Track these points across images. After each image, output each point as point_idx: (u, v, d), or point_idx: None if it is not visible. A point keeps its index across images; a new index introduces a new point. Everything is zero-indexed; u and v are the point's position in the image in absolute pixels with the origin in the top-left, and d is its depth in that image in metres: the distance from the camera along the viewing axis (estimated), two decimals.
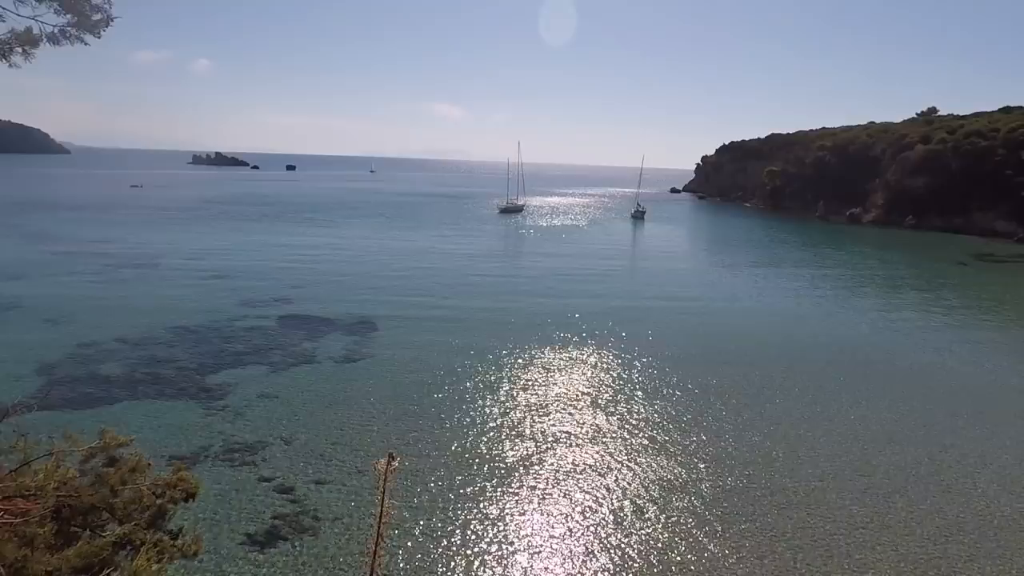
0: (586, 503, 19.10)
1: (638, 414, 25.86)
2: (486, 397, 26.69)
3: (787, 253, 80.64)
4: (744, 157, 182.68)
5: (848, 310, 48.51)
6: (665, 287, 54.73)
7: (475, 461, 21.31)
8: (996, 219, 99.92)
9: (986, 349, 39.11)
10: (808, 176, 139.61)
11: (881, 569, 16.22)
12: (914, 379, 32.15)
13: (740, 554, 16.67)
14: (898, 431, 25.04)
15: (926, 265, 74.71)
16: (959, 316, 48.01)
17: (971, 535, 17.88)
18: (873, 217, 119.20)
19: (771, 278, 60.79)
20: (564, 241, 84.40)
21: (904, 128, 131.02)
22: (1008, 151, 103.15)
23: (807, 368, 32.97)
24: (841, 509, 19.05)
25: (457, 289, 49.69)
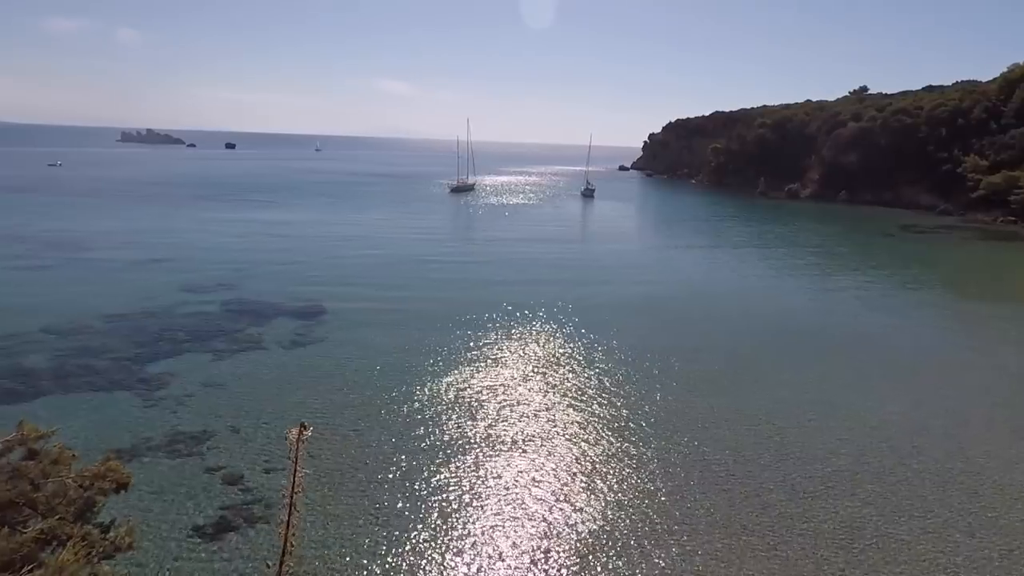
0: (537, 487, 19.33)
1: (591, 397, 26.24)
2: (438, 382, 26.34)
3: (733, 230, 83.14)
4: (689, 135, 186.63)
5: (790, 283, 50.65)
6: (616, 268, 54.74)
7: (426, 447, 21.23)
8: (920, 193, 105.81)
9: (912, 313, 41.76)
10: (750, 153, 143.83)
11: (826, 529, 17.19)
12: (850, 345, 33.93)
13: (689, 523, 17.32)
14: (837, 393, 26.45)
15: (858, 238, 78.57)
16: (888, 284, 50.87)
17: (908, 488, 19.18)
18: (810, 192, 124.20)
19: (718, 255, 62.63)
20: (515, 221, 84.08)
21: (838, 106, 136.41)
22: (931, 128, 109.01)
23: (754, 341, 34.28)
24: (783, 470, 20.03)
25: (407, 272, 48.65)
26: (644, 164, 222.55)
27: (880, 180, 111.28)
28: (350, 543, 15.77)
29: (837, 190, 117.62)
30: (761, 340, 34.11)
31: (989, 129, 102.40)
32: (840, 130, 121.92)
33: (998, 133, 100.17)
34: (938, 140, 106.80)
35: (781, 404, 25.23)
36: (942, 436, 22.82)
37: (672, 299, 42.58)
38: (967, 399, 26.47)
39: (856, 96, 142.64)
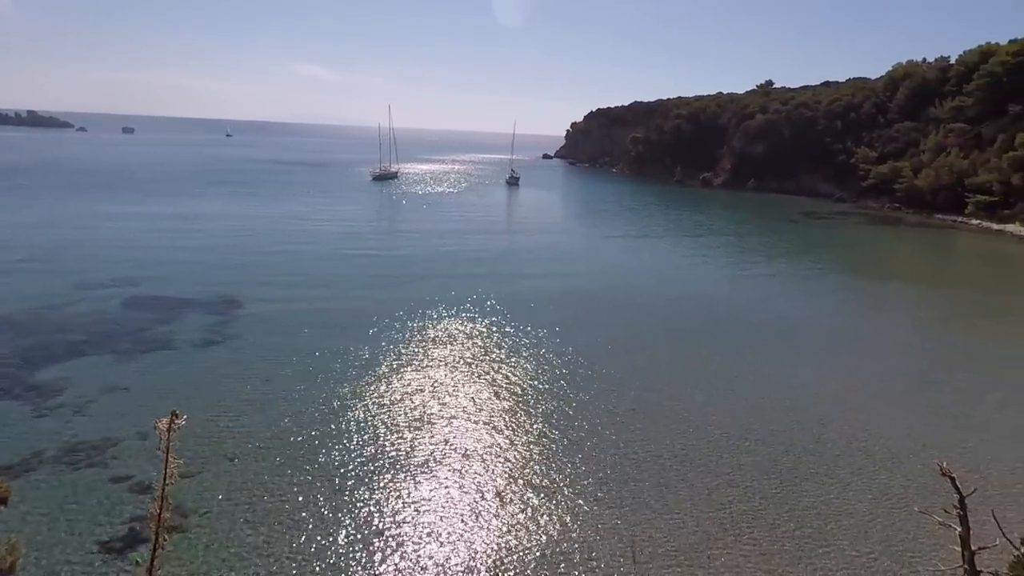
0: (463, 490, 19.34)
1: (520, 395, 26.44)
2: (360, 382, 25.45)
3: (653, 217, 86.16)
4: (610, 124, 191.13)
5: (708, 270, 53.04)
6: (543, 259, 54.08)
7: (348, 448, 20.71)
8: (819, 181, 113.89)
9: (815, 293, 45.10)
10: (667, 142, 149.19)
11: (751, 500, 18.25)
12: (761, 324, 36.11)
13: (616, 509, 17.89)
14: (757, 375, 28.12)
15: (766, 224, 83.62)
16: (794, 268, 54.59)
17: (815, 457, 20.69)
18: (722, 181, 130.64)
19: (641, 243, 64.64)
20: (440, 210, 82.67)
21: (746, 99, 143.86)
22: (828, 121, 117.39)
23: (678, 328, 35.78)
24: (712, 454, 21.09)
25: (326, 267, 45.98)
26: (567, 152, 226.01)
27: (784, 169, 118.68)
28: (264, 550, 15.15)
29: (746, 178, 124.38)
30: (684, 327, 35.59)
31: (877, 123, 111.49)
32: (748, 122, 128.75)
33: (885, 127, 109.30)
34: (834, 132, 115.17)
35: (707, 390, 26.48)
36: (853, 407, 24.78)
37: (598, 290, 43.04)
38: (870, 370, 28.90)
39: (762, 90, 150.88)
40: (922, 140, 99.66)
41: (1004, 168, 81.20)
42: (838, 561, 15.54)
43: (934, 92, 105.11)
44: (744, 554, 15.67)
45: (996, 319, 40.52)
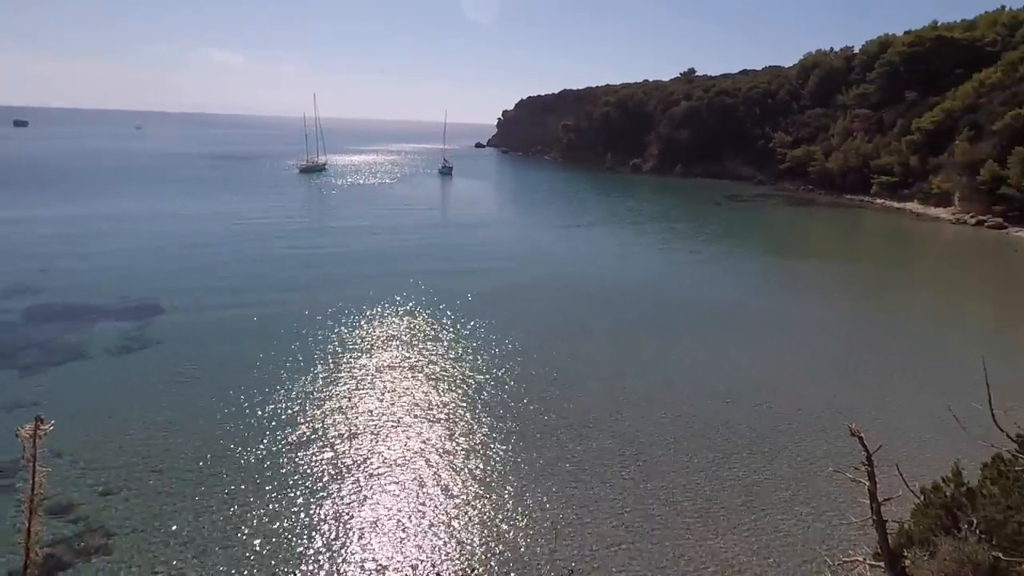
0: (398, 498, 19.26)
1: (462, 397, 26.47)
2: (291, 388, 24.76)
3: (587, 205, 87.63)
4: (541, 111, 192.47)
5: (642, 255, 54.58)
6: (481, 252, 53.30)
7: (280, 456, 20.15)
8: (741, 165, 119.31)
9: (738, 274, 47.40)
10: (597, 130, 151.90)
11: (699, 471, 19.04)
12: (693, 307, 37.62)
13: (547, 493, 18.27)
14: (695, 359, 29.30)
15: (693, 208, 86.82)
16: (720, 249, 57.10)
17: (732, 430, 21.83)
18: (650, 167, 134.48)
19: (576, 231, 65.51)
20: (372, 204, 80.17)
21: (671, 86, 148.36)
22: (747, 108, 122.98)
23: (614, 312, 36.67)
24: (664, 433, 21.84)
25: (254, 267, 43.43)
26: (499, 141, 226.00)
27: (708, 154, 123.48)
28: (197, 569, 14.57)
29: (674, 164, 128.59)
30: (620, 314, 36.42)
31: (791, 109, 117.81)
32: (673, 109, 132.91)
33: (798, 113, 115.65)
34: (753, 118, 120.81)
35: (643, 375, 27.35)
36: (780, 384, 26.26)
37: (535, 281, 42.56)
38: (794, 347, 30.70)
39: (686, 77, 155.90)
40: (831, 125, 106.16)
41: (903, 151, 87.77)
42: (769, 525, 16.55)
43: (841, 80, 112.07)
44: (684, 525, 16.42)
45: (901, 291, 43.93)
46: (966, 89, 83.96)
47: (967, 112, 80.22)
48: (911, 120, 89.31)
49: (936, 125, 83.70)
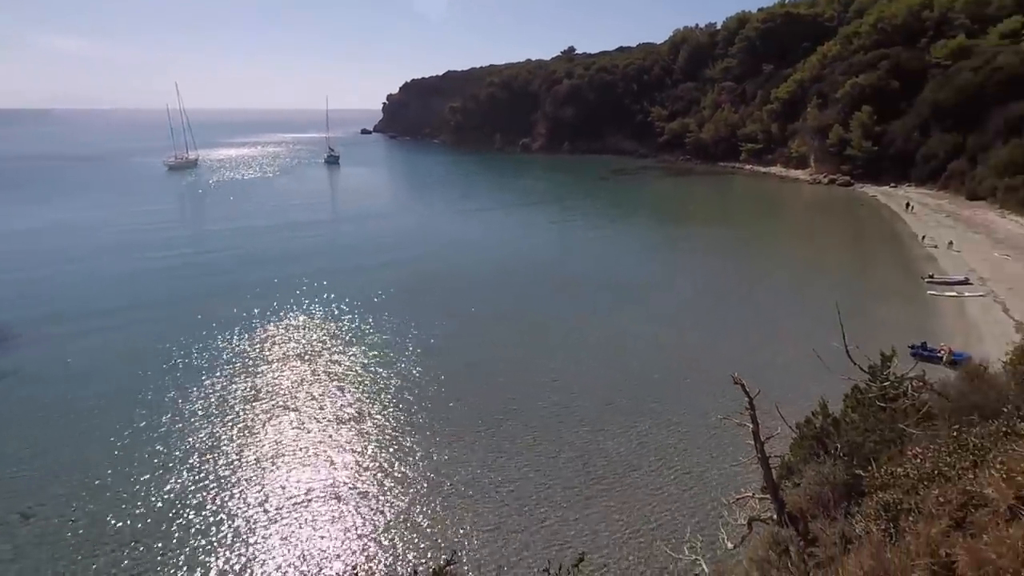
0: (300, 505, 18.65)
1: (366, 400, 25.84)
2: (171, 410, 23.14)
3: (481, 187, 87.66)
4: (427, 94, 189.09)
5: (537, 232, 55.67)
6: (377, 245, 51.01)
7: (167, 475, 18.80)
8: (623, 140, 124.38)
9: (630, 245, 49.76)
10: (485, 111, 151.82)
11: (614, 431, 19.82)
12: (589, 280, 39.00)
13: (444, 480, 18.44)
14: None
15: (582, 183, 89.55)
16: (609, 222, 59.51)
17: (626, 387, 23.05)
18: (539, 145, 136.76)
19: (473, 214, 65.43)
20: (255, 200, 74.70)
21: (553, 65, 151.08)
22: (625, 84, 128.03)
23: (515, 292, 37.15)
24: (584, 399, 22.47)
25: (124, 282, 39.00)
26: (386, 126, 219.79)
27: (593, 130, 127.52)
28: None
29: (561, 141, 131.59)
30: (522, 293, 37.12)
31: (665, 84, 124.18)
32: (557, 87, 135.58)
33: (672, 87, 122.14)
34: (631, 94, 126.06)
35: (551, 351, 28.04)
36: (676, 345, 27.90)
37: (435, 270, 41.89)
38: (683, 309, 32.73)
39: (566, 56, 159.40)
40: (702, 98, 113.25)
41: (764, 119, 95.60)
42: (672, 474, 17.77)
43: (707, 55, 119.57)
44: (602, 487, 17.22)
45: (770, 248, 48.15)
46: (812, 61, 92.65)
47: (815, 82, 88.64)
48: (769, 91, 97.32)
49: (790, 95, 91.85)
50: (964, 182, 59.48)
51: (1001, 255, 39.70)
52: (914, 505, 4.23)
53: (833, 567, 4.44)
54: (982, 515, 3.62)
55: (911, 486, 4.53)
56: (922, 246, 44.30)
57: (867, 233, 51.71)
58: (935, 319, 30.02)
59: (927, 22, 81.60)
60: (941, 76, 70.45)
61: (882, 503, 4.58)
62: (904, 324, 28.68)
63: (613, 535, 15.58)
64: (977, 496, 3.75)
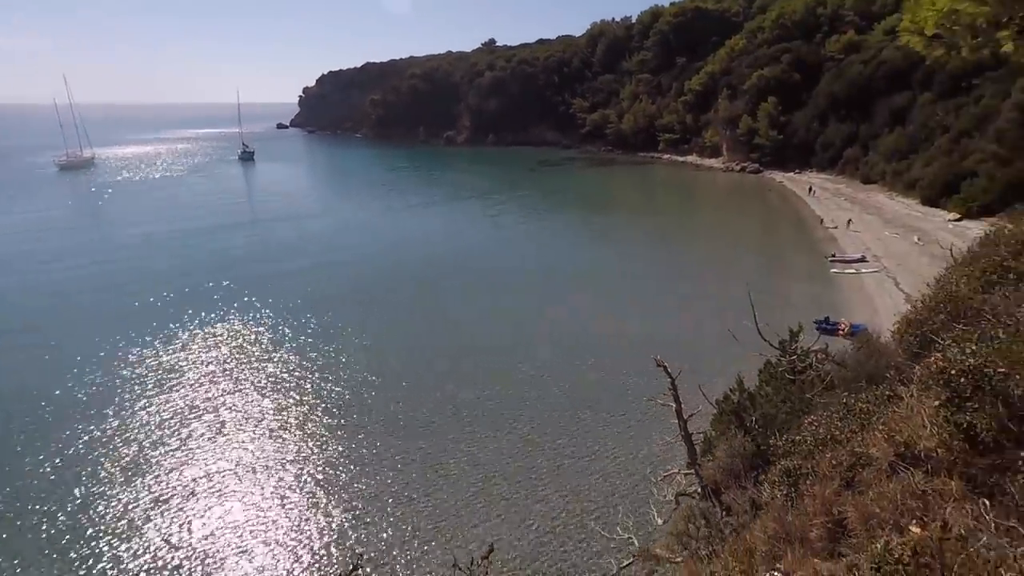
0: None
1: (286, 397, 24.99)
2: (88, 433, 21.72)
3: (408, 181, 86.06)
4: (346, 87, 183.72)
5: (467, 227, 55.52)
6: (301, 247, 47.70)
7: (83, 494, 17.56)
8: (547, 131, 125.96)
9: (560, 234, 50.61)
10: (407, 104, 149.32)
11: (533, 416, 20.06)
12: (522, 271, 39.32)
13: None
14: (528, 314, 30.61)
15: (509, 176, 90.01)
16: (538, 213, 60.21)
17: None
18: (464, 138, 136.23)
19: (400, 210, 64.08)
20: (163, 201, 69.45)
21: (475, 56, 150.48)
22: (547, 76, 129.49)
23: (451, 286, 36.85)
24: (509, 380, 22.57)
25: (12, 300, 34.67)
26: (304, 120, 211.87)
27: (517, 122, 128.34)
28: None
29: (486, 134, 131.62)
30: (457, 287, 36.91)
31: (585, 76, 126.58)
32: (479, 79, 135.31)
33: (591, 79, 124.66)
34: (553, 86, 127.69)
35: (478, 343, 28.08)
36: (607, 332, 28.60)
37: (371, 272, 40.06)
38: (613, 297, 33.62)
39: (487, 48, 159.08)
40: (621, 90, 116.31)
41: (680, 111, 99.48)
42: (605, 456, 18.33)
43: (624, 48, 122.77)
44: (539, 471, 17.50)
45: (688, 234, 50.34)
46: (721, 54, 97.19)
47: (724, 75, 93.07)
48: (683, 83, 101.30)
49: (703, 87, 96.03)
50: (858, 167, 64.39)
51: (891, 234, 43.35)
52: (811, 469, 4.63)
53: (743, 533, 4.78)
54: (868, 473, 4.01)
55: (808, 452, 4.95)
56: (824, 228, 47.67)
57: (776, 217, 55.03)
58: (837, 295, 32.45)
59: (822, 18, 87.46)
60: (835, 69, 75.82)
61: (784, 470, 4.97)
62: (811, 300, 30.82)
63: (549, 522, 15.92)
64: (864, 456, 4.15)
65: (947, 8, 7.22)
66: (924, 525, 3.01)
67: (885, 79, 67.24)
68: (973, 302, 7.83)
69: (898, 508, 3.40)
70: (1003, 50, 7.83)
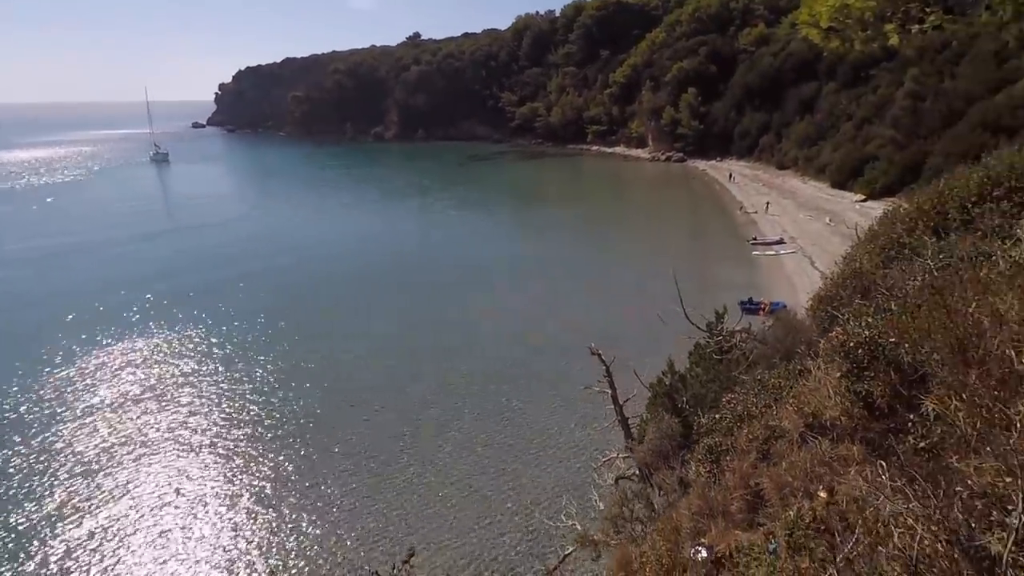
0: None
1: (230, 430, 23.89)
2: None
3: (338, 180, 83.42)
4: (266, 83, 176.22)
5: (403, 223, 54.48)
6: (223, 254, 45.22)
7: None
8: (476, 126, 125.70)
9: (494, 227, 50.68)
10: (332, 100, 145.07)
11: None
12: (456, 267, 39.07)
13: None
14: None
15: (440, 171, 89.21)
16: (472, 208, 60.01)
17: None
18: (393, 134, 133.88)
19: (333, 208, 62.04)
20: (62, 210, 63.60)
21: (400, 51, 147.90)
22: (474, 70, 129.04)
23: (384, 286, 36.16)
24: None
25: None
26: (222, 119, 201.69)
27: (446, 117, 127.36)
28: None
29: (415, 129, 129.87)
30: (391, 284, 36.25)
31: (512, 69, 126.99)
32: (406, 74, 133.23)
33: (518, 73, 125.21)
34: (481, 80, 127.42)
35: (419, 343, 27.73)
36: (537, 327, 28.85)
37: (301, 282, 37.57)
38: (548, 289, 33.95)
39: (412, 42, 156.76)
40: (548, 83, 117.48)
41: (606, 102, 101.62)
42: (547, 446, 18.57)
43: (549, 41, 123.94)
44: (483, 465, 17.50)
45: (618, 223, 51.57)
46: (642, 47, 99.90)
47: (647, 67, 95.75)
48: (608, 75, 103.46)
49: (626, 79, 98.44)
50: (773, 154, 67.94)
51: (806, 216, 46.03)
52: (730, 445, 4.87)
53: (671, 512, 4.97)
54: (781, 445, 4.26)
55: (728, 429, 5.20)
56: (744, 212, 50.04)
57: (700, 204, 57.26)
58: (760, 276, 34.17)
59: (734, 12, 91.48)
60: (748, 61, 79.55)
61: (707, 447, 5.20)
62: (735, 282, 32.27)
63: (496, 517, 15.99)
64: (777, 429, 4.41)
65: (839, 3, 7.72)
66: (830, 490, 3.22)
67: (793, 70, 71.17)
68: (875, 277, 8.43)
69: (808, 476, 3.62)
70: (890, 43, 8.46)
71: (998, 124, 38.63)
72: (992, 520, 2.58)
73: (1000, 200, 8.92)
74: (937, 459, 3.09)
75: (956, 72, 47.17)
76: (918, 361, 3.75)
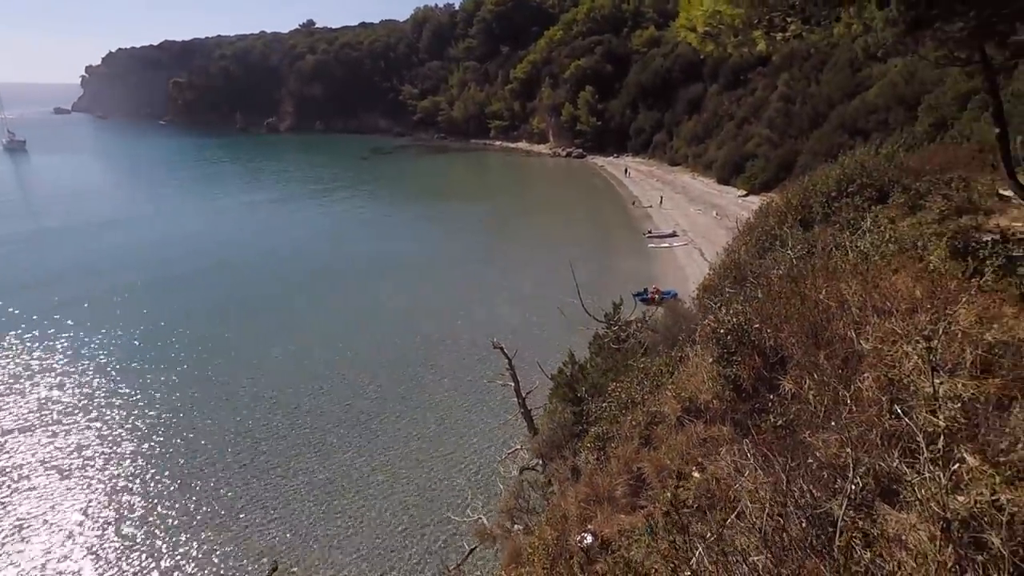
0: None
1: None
2: None
3: (229, 174, 78.11)
4: (142, 67, 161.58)
5: (304, 221, 51.89)
6: (100, 263, 40.54)
7: None
8: (378, 118, 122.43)
9: (398, 225, 49.61)
10: (219, 87, 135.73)
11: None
12: (361, 264, 37.86)
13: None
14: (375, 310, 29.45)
15: (341, 165, 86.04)
16: (376, 204, 58.44)
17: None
18: (288, 125, 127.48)
19: (226, 206, 57.83)
20: None
21: (293, 38, 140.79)
22: (373, 61, 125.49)
23: (281, 287, 34.27)
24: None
25: None
26: (91, 104, 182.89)
27: (345, 109, 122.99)
28: None
29: (312, 121, 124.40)
30: (297, 282, 34.47)
31: (412, 62, 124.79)
32: (300, 63, 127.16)
33: (419, 65, 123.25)
34: (380, 71, 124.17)
35: (317, 343, 26.63)
36: (443, 319, 28.57)
37: (183, 275, 35.92)
38: (448, 285, 33.71)
39: (306, 29, 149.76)
40: (449, 77, 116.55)
41: (508, 98, 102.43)
42: (454, 439, 18.50)
43: (449, 34, 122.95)
44: (390, 454, 17.10)
45: (521, 217, 52.31)
46: (541, 44, 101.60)
47: (546, 64, 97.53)
48: (509, 71, 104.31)
49: (527, 75, 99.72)
50: (666, 151, 71.66)
51: (696, 210, 49.01)
52: (615, 432, 5.07)
53: (561, 499, 5.11)
54: (661, 430, 4.49)
55: (614, 416, 5.41)
56: (640, 207, 52.43)
57: (598, 199, 59.28)
58: (655, 267, 35.94)
59: (626, 13, 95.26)
60: (641, 61, 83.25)
61: (595, 435, 5.39)
62: (632, 274, 33.74)
63: (400, 514, 15.71)
64: (658, 415, 4.64)
65: (711, 9, 8.23)
66: (703, 469, 3.41)
67: (682, 71, 75.35)
68: (750, 267, 9.09)
69: (684, 457, 3.83)
70: (758, 48, 9.15)
71: (855, 127, 43.03)
72: (836, 488, 2.86)
73: (853, 195, 9.93)
74: (793, 435, 3.39)
75: (820, 78, 52.05)
76: (779, 344, 4.09)
